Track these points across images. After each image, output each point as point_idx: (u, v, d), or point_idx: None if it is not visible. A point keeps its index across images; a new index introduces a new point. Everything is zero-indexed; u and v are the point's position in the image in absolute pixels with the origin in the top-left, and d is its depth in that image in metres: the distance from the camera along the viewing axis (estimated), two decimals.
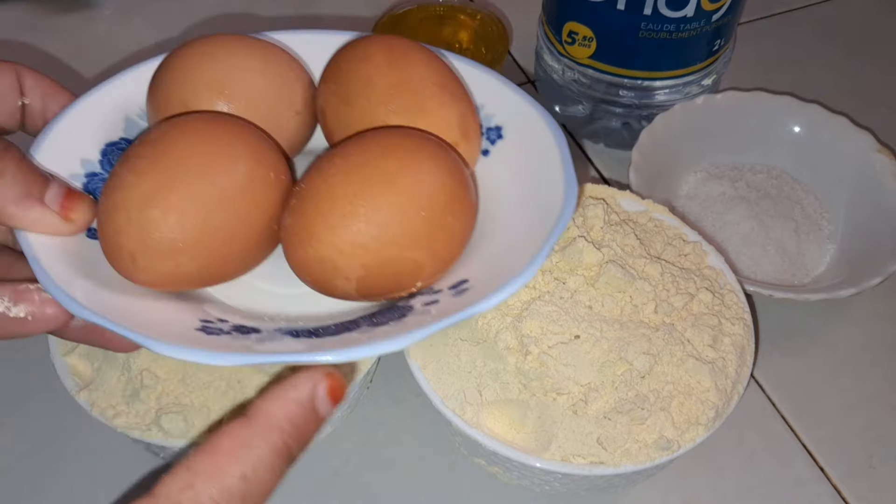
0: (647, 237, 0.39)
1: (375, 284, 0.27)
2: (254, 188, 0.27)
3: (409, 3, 0.54)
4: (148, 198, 0.26)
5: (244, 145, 0.28)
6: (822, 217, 0.49)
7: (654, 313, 0.35)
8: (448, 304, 0.27)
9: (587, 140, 0.55)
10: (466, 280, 0.28)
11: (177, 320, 0.26)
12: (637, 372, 0.33)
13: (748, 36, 0.62)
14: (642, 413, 0.33)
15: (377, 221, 0.26)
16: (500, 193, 0.32)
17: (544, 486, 0.35)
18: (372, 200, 0.26)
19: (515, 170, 0.32)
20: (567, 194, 0.29)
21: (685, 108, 0.49)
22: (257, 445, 0.23)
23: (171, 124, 0.28)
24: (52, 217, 0.27)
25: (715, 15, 0.46)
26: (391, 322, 0.26)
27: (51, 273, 0.26)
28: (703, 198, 0.49)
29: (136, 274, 0.27)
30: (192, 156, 0.27)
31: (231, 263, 0.28)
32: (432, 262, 0.28)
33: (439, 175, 0.28)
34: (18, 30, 0.62)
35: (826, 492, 0.40)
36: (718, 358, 0.35)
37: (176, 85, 0.31)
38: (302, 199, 0.27)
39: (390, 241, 0.27)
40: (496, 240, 0.30)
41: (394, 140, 0.28)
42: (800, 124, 0.50)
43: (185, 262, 0.27)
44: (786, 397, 0.43)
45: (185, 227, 0.26)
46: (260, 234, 0.28)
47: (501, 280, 0.26)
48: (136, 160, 0.27)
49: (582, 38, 0.49)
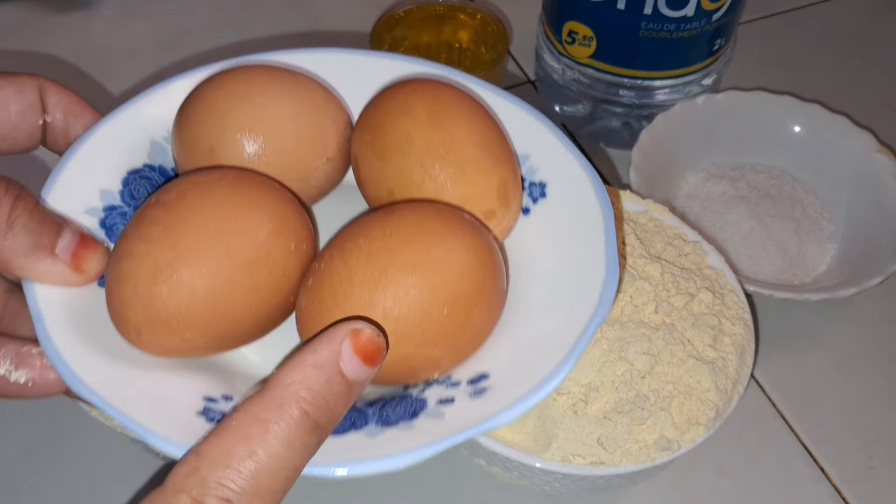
0: (647, 237, 0.39)
1: (388, 375, 0.26)
2: (272, 262, 0.26)
3: (409, 3, 0.54)
4: (157, 271, 0.24)
5: (266, 215, 0.26)
6: (823, 217, 0.49)
7: (654, 313, 0.35)
8: (463, 409, 0.25)
9: (587, 140, 0.55)
10: (487, 375, 0.26)
11: (179, 400, 0.25)
12: (637, 372, 0.33)
13: (748, 36, 0.62)
14: (642, 413, 0.33)
15: (395, 317, 0.24)
16: (534, 263, 0.29)
17: (544, 486, 0.35)
18: (392, 294, 0.24)
19: (554, 238, 0.29)
20: (607, 281, 0.26)
21: (685, 108, 0.49)
22: (271, 419, 0.21)
23: (190, 184, 0.26)
24: (63, 268, 0.26)
25: (715, 14, 0.46)
26: (401, 422, 0.25)
27: (53, 338, 0.24)
28: (703, 198, 0.49)
29: (141, 346, 0.26)
30: (208, 226, 0.25)
31: (242, 335, 0.27)
32: (452, 358, 0.26)
33: (469, 265, 0.25)
34: (18, 30, 0.62)
35: (826, 492, 0.40)
36: (718, 358, 0.35)
37: (203, 127, 0.29)
38: (320, 280, 0.25)
39: (408, 337, 0.25)
40: (524, 326, 0.27)
41: (422, 223, 0.26)
42: (800, 124, 0.50)
43: (193, 336, 0.25)
44: (786, 397, 0.43)
45: (194, 304, 0.25)
46: (275, 308, 0.27)
47: (524, 386, 0.24)
48: (149, 226, 0.25)
49: (582, 37, 0.49)
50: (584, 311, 0.26)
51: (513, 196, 0.29)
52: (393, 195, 0.29)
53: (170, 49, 0.61)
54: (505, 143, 0.30)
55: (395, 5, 0.55)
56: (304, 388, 0.22)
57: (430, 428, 0.24)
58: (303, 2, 0.65)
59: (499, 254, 0.27)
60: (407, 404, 0.26)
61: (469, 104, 0.29)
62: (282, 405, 0.21)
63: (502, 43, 0.52)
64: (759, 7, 0.65)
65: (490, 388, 0.25)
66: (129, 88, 0.57)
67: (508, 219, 0.29)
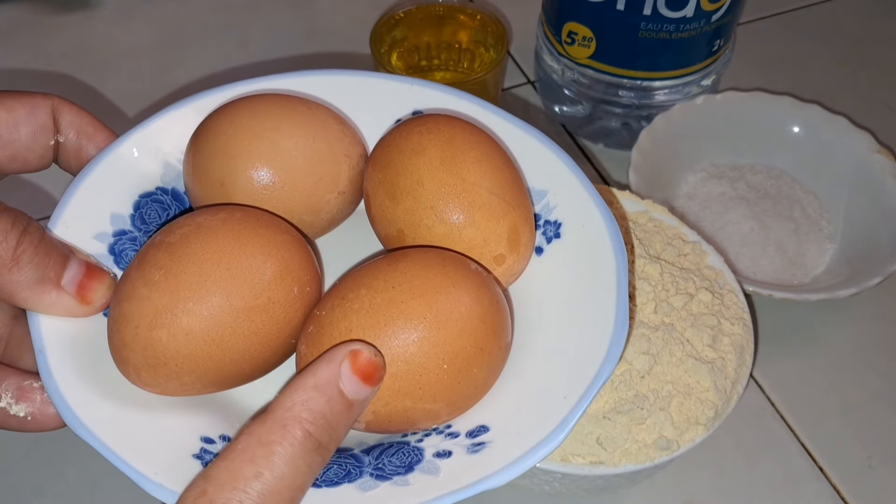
0: (647, 237, 0.39)
1: (386, 427, 0.26)
2: (273, 308, 0.26)
3: (409, 3, 0.54)
4: (157, 316, 0.25)
5: (270, 260, 0.26)
6: (822, 217, 0.49)
7: (653, 313, 0.35)
8: (460, 465, 0.25)
9: (587, 140, 0.55)
10: (487, 429, 0.26)
11: (176, 441, 0.25)
12: (636, 372, 0.33)
13: (748, 36, 0.62)
14: (642, 413, 0.33)
15: (393, 373, 0.24)
16: (543, 308, 0.29)
17: (544, 486, 0.35)
18: (391, 350, 0.24)
19: (565, 284, 0.29)
20: (615, 336, 0.26)
21: (685, 109, 0.49)
22: (275, 441, 0.22)
23: (195, 227, 0.26)
24: (68, 300, 0.26)
25: (714, 15, 0.46)
26: (396, 476, 0.25)
27: (54, 374, 0.25)
28: (702, 198, 0.49)
29: (141, 385, 0.26)
30: (210, 271, 0.25)
31: (241, 377, 0.27)
32: (450, 412, 0.26)
33: (471, 322, 0.25)
34: (18, 30, 0.62)
35: (825, 492, 0.40)
36: (718, 358, 0.35)
37: (214, 161, 0.29)
38: (320, 328, 0.25)
39: (406, 393, 0.25)
40: (528, 379, 0.27)
41: (426, 276, 0.26)
42: (799, 124, 0.50)
43: (192, 380, 0.26)
44: (785, 397, 0.43)
45: (193, 349, 0.25)
46: (275, 351, 0.27)
47: (522, 447, 0.24)
48: (152, 269, 0.25)
49: (582, 38, 0.49)
50: (590, 367, 0.26)
51: (524, 241, 0.29)
52: (403, 235, 0.29)
53: (170, 49, 0.61)
54: (519, 187, 0.29)
55: (394, 6, 0.55)
56: (305, 410, 0.22)
57: (425, 486, 0.24)
58: (303, 2, 0.65)
59: (504, 308, 0.27)
60: (404, 454, 0.26)
61: (484, 146, 0.29)
62: (285, 426, 0.22)
63: (502, 43, 0.52)
64: (759, 7, 0.65)
65: (488, 444, 0.25)
66: (128, 89, 0.57)
67: (519, 264, 0.29)
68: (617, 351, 0.26)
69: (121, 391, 0.26)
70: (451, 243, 0.28)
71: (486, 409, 0.27)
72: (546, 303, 0.29)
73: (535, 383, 0.27)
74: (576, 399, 0.25)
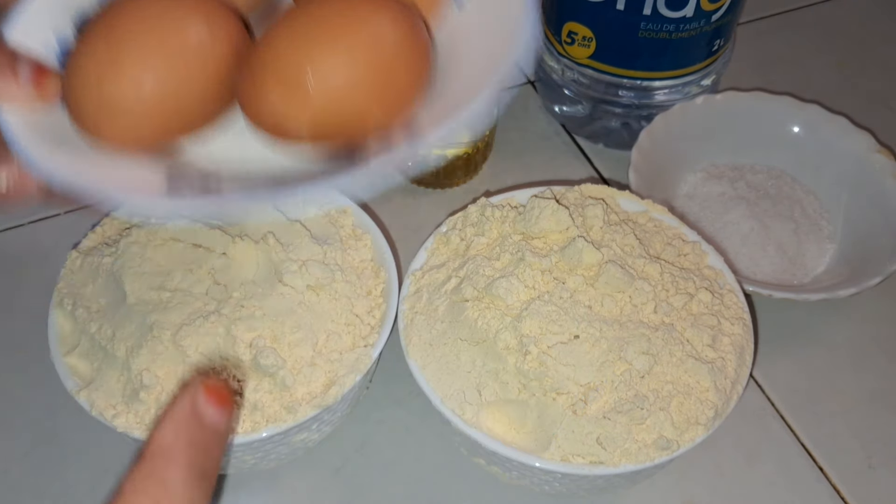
0: (647, 237, 0.39)
1: (326, 130, 0.29)
2: (204, 50, 0.29)
3: None
4: (102, 73, 0.28)
5: (194, 8, 0.29)
6: (822, 217, 0.49)
7: (653, 313, 0.35)
8: (398, 144, 0.27)
9: (587, 140, 0.55)
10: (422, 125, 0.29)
11: (145, 174, 0.28)
12: (636, 372, 0.33)
13: (748, 36, 0.62)
14: (642, 413, 0.33)
15: (324, 88, 0.27)
16: (467, 45, 0.31)
17: (544, 486, 0.35)
18: (318, 66, 0.27)
19: (484, 22, 0.31)
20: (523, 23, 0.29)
21: (685, 108, 0.49)
22: (157, 472, 0.23)
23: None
24: (28, 90, 0.28)
25: (714, 15, 0.46)
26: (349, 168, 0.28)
27: (23, 141, 0.27)
28: (702, 198, 0.49)
29: (101, 140, 0.29)
30: (141, 26, 0.28)
31: (190, 120, 0.30)
32: (383, 110, 0.29)
33: (390, 33, 0.28)
34: None
35: (825, 492, 0.40)
36: (718, 358, 0.35)
37: None
38: (251, 64, 0.28)
39: (342, 100, 0.28)
40: (453, 86, 0.30)
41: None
42: (799, 124, 0.50)
43: (145, 124, 0.29)
44: (785, 397, 0.43)
45: (141, 95, 0.28)
46: (216, 92, 0.30)
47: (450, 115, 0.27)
48: (90, 37, 0.28)
49: (581, 38, 0.49)
50: (503, 61, 0.28)
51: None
52: None
53: None
54: None
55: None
56: (175, 439, 0.24)
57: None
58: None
59: (420, 23, 0.30)
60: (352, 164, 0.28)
61: None
62: (162, 457, 0.24)
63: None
64: (759, 7, 0.65)
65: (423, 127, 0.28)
66: None
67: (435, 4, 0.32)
68: (520, 44, 0.28)
69: (89, 153, 0.29)
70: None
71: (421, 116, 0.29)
72: (470, 40, 0.31)
73: (459, 86, 0.29)
74: (493, 80, 0.28)
